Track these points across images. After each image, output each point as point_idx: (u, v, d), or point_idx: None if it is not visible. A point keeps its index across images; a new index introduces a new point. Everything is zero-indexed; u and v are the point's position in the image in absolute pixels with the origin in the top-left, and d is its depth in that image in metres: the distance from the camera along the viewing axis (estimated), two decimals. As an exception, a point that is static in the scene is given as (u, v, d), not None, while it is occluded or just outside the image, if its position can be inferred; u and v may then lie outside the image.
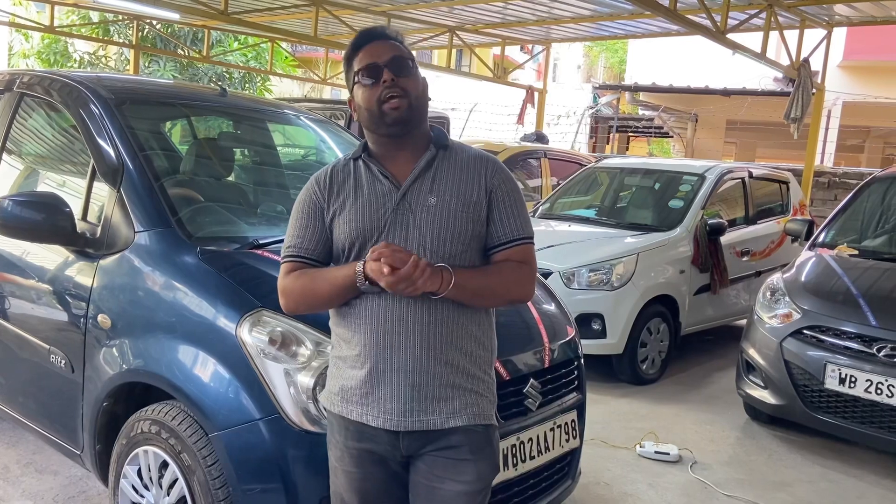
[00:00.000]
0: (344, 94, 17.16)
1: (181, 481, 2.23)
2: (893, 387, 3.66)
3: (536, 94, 12.69)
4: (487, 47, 13.50)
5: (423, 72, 1.80)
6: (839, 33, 11.40)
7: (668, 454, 3.87)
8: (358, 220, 1.72)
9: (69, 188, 2.88)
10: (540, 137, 9.60)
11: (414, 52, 1.83)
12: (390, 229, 1.71)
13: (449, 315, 1.71)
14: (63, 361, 2.62)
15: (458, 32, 11.34)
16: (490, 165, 1.79)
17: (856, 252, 4.62)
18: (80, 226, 2.58)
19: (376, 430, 1.72)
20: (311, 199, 1.80)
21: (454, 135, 12.39)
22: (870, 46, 13.71)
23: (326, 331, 2.17)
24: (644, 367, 5.20)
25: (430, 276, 1.60)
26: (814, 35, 9.03)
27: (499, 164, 1.81)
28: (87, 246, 2.58)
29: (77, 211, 2.60)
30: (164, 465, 2.30)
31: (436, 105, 14.91)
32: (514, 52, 20.82)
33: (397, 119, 1.70)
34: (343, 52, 1.90)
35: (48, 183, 3.09)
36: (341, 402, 1.77)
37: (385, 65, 1.71)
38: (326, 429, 1.85)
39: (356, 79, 1.74)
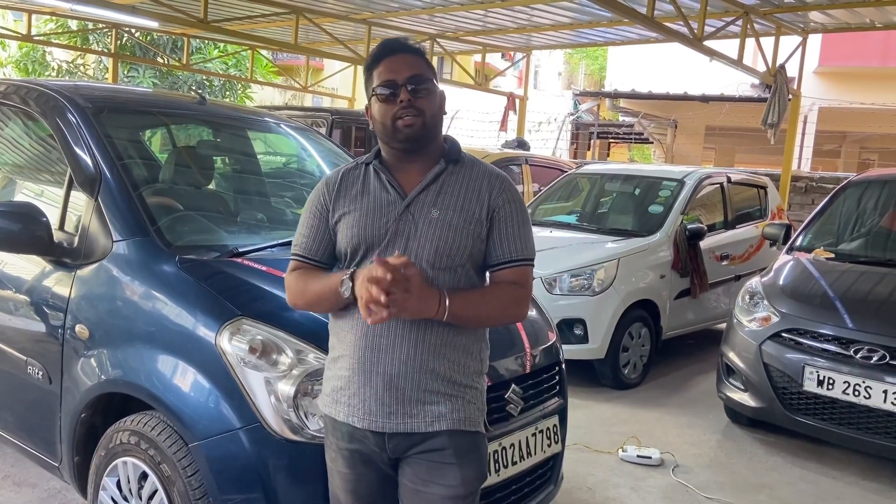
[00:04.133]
0: (325, 102, 17.14)
1: (161, 492, 2.21)
2: (871, 388, 3.71)
3: (517, 101, 12.75)
4: (468, 55, 13.55)
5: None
6: (814, 40, 11.57)
7: (651, 458, 3.89)
8: (361, 227, 1.75)
9: (46, 198, 2.85)
10: (521, 144, 9.64)
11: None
12: (392, 239, 1.73)
13: (439, 324, 1.72)
14: (40, 373, 2.59)
15: (438, 40, 11.38)
16: (497, 183, 1.80)
17: (832, 255, 4.68)
18: (58, 235, 2.56)
19: (363, 432, 1.76)
20: (319, 200, 1.83)
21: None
22: (845, 52, 13.93)
23: (308, 339, 2.19)
24: (626, 371, 5.23)
25: (423, 299, 1.62)
26: (789, 42, 9.17)
27: (507, 181, 1.82)
28: (64, 256, 2.55)
29: (54, 221, 2.58)
30: (144, 476, 2.28)
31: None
32: (495, 59, 20.92)
33: (409, 136, 1.73)
34: (322, 59, 1.93)
35: (25, 192, 3.05)
36: (331, 403, 1.81)
37: (403, 83, 1.71)
38: (323, 432, 1.90)
39: (374, 91, 1.75)
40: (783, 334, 4.09)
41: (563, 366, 2.87)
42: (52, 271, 2.60)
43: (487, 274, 1.84)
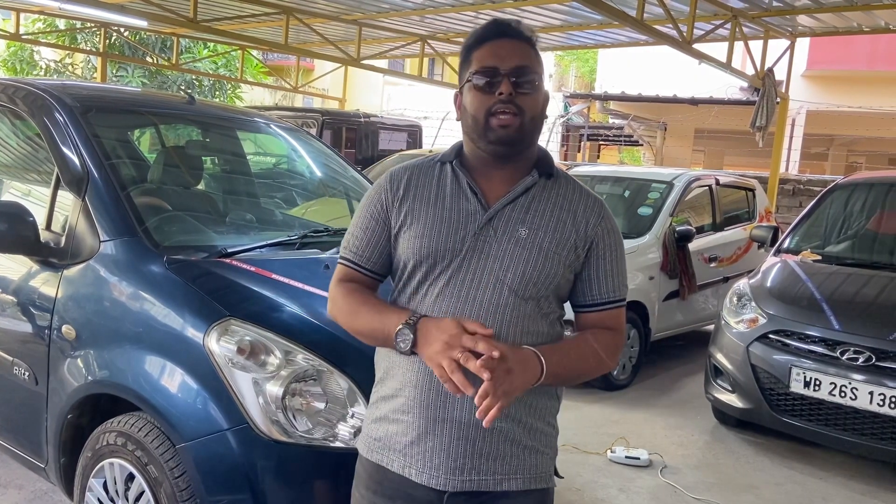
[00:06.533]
0: (315, 103, 17.09)
1: (148, 494, 2.20)
2: (857, 389, 3.73)
3: (508, 103, 12.74)
4: (459, 56, 13.49)
5: (396, 80, 1.71)
6: (802, 43, 11.65)
7: (639, 459, 3.91)
8: (432, 238, 1.48)
9: (33, 197, 2.84)
10: (512, 146, 9.66)
11: (385, 62, 1.73)
12: (468, 255, 1.47)
13: None
14: (27, 373, 2.57)
15: (429, 41, 11.38)
16: (596, 209, 1.55)
17: (819, 257, 4.71)
18: (44, 235, 2.54)
19: (416, 487, 1.49)
20: (379, 199, 1.55)
21: (426, 143, 12.41)
22: (832, 56, 14.03)
23: (297, 340, 2.18)
24: (615, 372, 5.24)
25: (526, 371, 1.38)
26: (778, 45, 9.24)
27: (606, 209, 1.57)
28: (51, 256, 2.54)
29: (41, 220, 2.56)
30: (131, 477, 2.26)
31: (408, 113, 14.94)
32: (485, 60, 20.92)
33: (503, 138, 1.46)
34: (312, 60, 1.85)
35: (12, 192, 3.03)
36: (381, 450, 1.54)
37: (507, 73, 1.45)
38: (354, 477, 1.63)
39: (470, 77, 1.49)
40: (770, 336, 4.12)
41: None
42: (38, 271, 2.59)
43: (571, 310, 1.61)
